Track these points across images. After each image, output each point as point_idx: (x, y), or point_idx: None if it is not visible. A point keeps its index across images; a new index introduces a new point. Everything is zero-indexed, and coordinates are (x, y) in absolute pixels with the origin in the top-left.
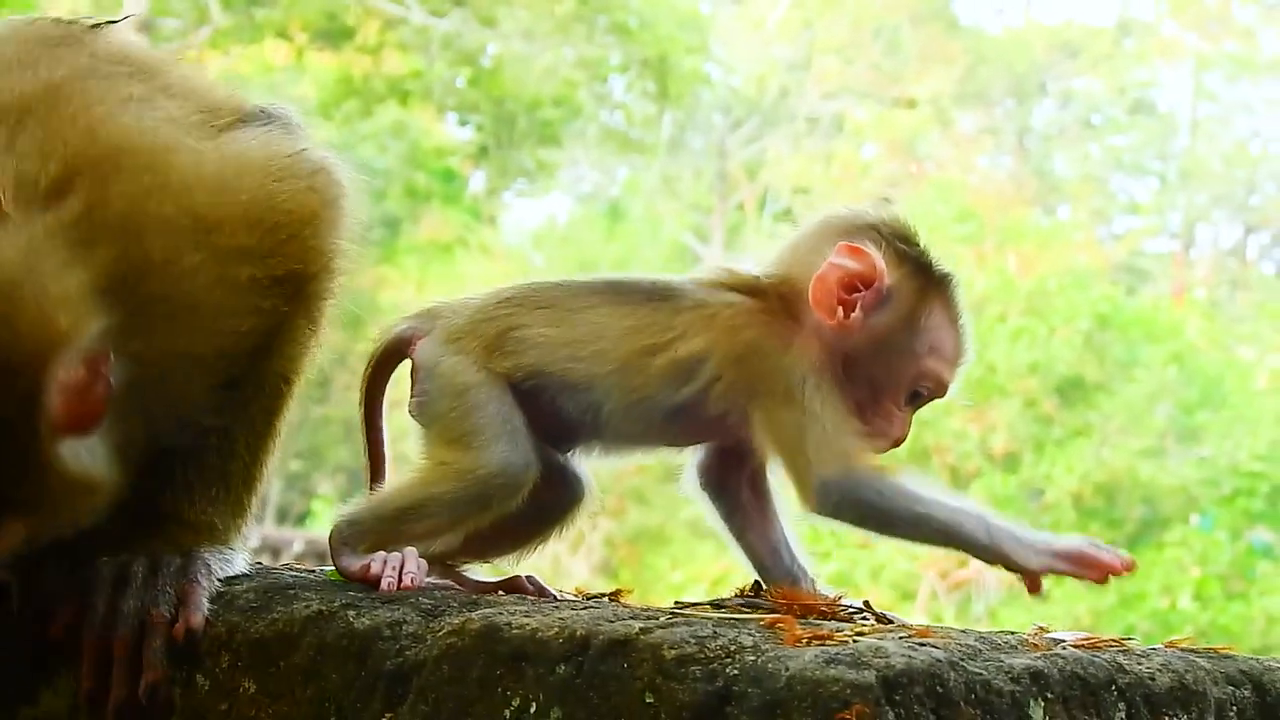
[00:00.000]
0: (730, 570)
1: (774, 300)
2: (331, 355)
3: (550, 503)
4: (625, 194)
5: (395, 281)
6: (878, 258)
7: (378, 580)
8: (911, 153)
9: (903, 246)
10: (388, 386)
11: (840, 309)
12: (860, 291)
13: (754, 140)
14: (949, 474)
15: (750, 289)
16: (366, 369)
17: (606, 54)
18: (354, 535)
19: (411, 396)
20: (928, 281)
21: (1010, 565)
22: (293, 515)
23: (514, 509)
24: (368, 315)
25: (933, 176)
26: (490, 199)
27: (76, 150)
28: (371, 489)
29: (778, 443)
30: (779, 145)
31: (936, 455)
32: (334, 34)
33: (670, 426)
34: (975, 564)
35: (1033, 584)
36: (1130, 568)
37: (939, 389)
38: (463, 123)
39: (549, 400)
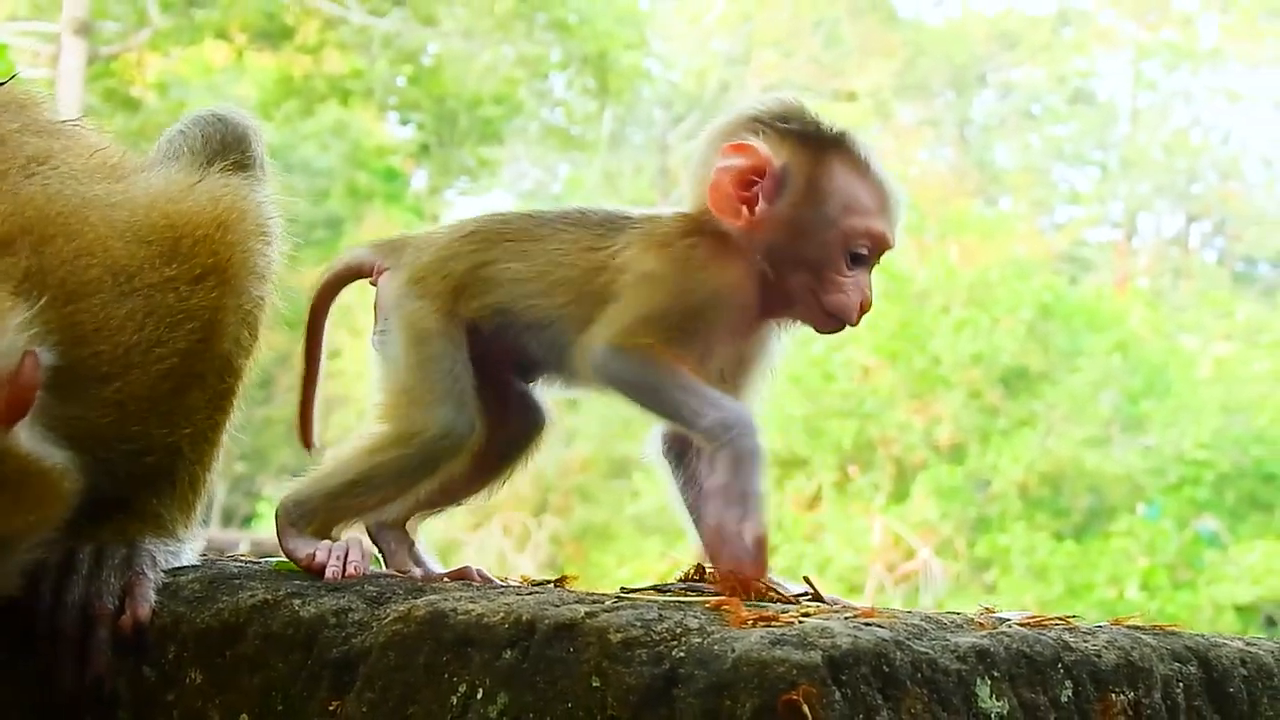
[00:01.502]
0: (677, 566)
1: (706, 228)
2: (273, 356)
3: (511, 437)
4: (567, 190)
5: None
6: (761, 146)
7: (323, 569)
8: None
9: (783, 125)
10: (332, 305)
11: (744, 208)
12: (758, 184)
13: (695, 135)
14: (895, 466)
15: (689, 222)
16: (317, 288)
17: (546, 51)
18: (301, 515)
19: (374, 330)
20: (819, 146)
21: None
22: (238, 517)
23: (460, 467)
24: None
25: None
26: (432, 197)
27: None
28: (302, 407)
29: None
30: None
31: (882, 448)
32: (274, 34)
33: None
34: (922, 555)
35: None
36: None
37: (879, 242)
38: (404, 121)
39: (514, 337)
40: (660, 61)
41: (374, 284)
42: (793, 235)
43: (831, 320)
